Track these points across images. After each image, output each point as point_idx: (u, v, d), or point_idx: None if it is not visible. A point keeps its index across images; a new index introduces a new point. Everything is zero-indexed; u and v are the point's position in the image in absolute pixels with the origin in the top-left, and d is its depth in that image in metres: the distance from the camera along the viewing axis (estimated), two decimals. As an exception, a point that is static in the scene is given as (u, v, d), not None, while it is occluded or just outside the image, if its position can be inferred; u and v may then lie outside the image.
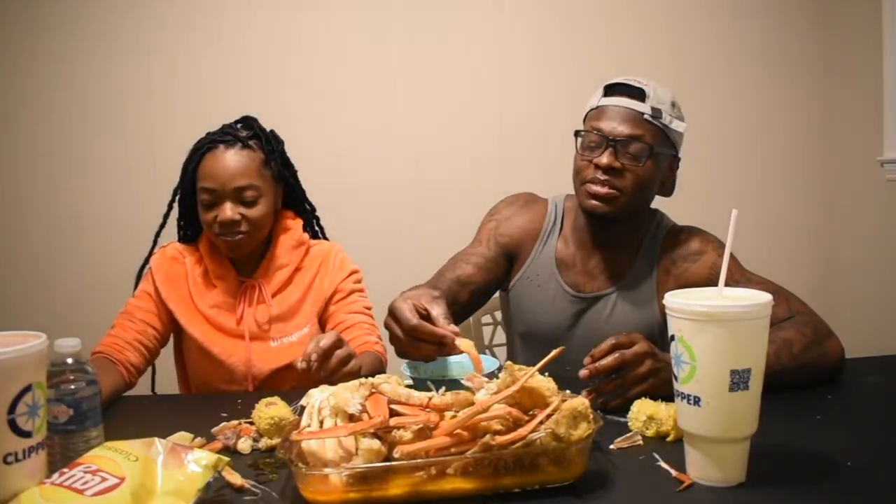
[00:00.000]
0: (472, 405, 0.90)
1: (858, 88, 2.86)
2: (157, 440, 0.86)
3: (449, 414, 0.91)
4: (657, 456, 0.96)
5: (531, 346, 1.55)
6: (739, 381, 0.85)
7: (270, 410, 1.06)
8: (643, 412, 1.05)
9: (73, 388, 0.92)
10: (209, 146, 1.52)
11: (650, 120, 1.39)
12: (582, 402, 0.90)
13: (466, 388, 0.97)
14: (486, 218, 1.60)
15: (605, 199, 1.39)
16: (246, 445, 1.05)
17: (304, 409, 0.95)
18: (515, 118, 2.93)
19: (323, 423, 0.91)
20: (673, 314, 0.88)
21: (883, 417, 1.15)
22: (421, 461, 0.85)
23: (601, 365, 1.13)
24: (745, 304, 0.86)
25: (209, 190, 1.49)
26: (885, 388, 1.29)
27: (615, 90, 1.43)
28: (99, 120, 2.82)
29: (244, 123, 1.58)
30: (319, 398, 0.94)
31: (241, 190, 1.49)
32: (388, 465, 0.85)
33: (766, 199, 3.03)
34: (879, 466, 0.93)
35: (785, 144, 3.06)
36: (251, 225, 1.51)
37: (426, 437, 0.88)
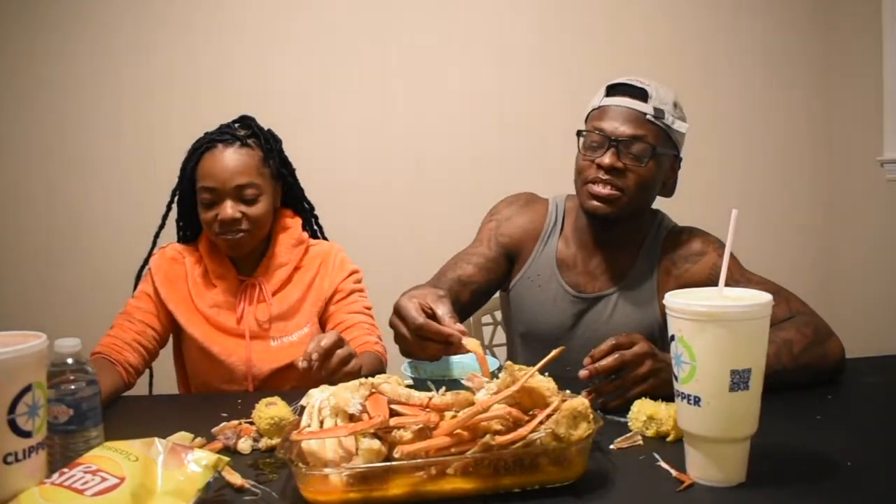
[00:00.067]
0: (472, 405, 0.90)
1: (858, 88, 2.86)
2: (157, 440, 0.86)
3: (449, 414, 0.91)
4: (657, 456, 0.96)
5: (531, 346, 1.55)
6: (739, 381, 0.85)
7: (270, 410, 1.06)
8: (643, 412, 1.05)
9: (73, 388, 0.92)
10: (208, 145, 1.52)
11: (652, 120, 1.38)
12: (582, 402, 0.90)
13: (466, 388, 0.97)
14: (486, 218, 1.60)
15: (606, 200, 1.39)
16: (246, 445, 1.05)
17: (304, 409, 0.95)
18: (515, 118, 2.93)
19: (323, 423, 0.91)
20: (673, 314, 0.88)
21: (883, 417, 1.15)
22: (421, 461, 0.85)
23: (601, 365, 1.13)
24: (745, 304, 0.86)
25: (209, 189, 1.49)
26: (885, 388, 1.29)
27: (617, 90, 1.42)
28: (98, 120, 2.82)
29: (242, 123, 1.58)
30: (319, 398, 0.94)
31: (241, 188, 1.49)
32: (388, 465, 0.85)
33: (766, 199, 3.03)
34: (879, 466, 0.93)
35: (785, 144, 3.06)
36: (252, 223, 1.51)
37: (426, 437, 0.88)
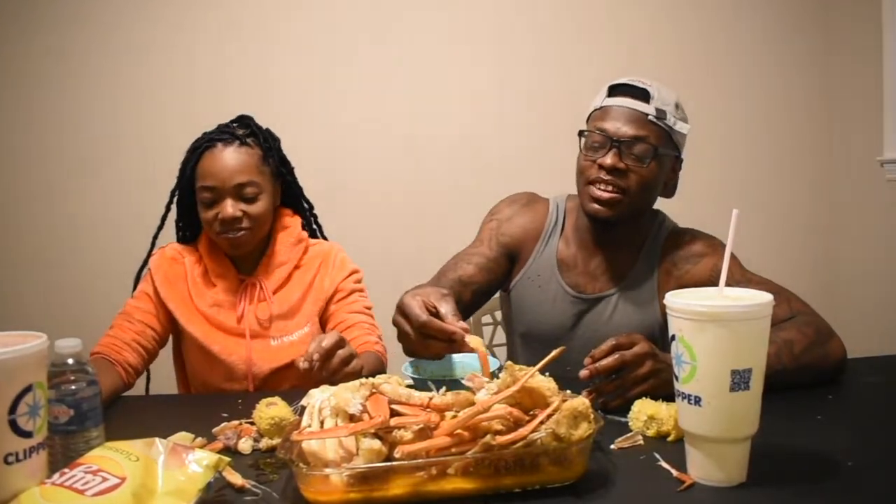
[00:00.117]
0: (472, 405, 0.90)
1: (858, 88, 2.86)
2: (157, 440, 0.86)
3: (449, 414, 0.91)
4: (658, 456, 0.96)
5: (531, 346, 1.54)
6: (740, 381, 0.85)
7: (271, 411, 1.06)
8: (644, 412, 1.05)
9: (73, 388, 0.92)
10: (207, 145, 1.52)
11: (654, 121, 1.38)
12: (582, 402, 0.90)
13: (467, 388, 0.97)
14: (486, 217, 1.60)
15: (607, 203, 1.39)
16: (247, 446, 1.05)
17: (304, 409, 0.95)
18: (515, 118, 2.93)
19: (324, 423, 0.91)
20: (673, 314, 0.88)
21: (884, 417, 1.15)
22: (422, 461, 0.85)
23: (601, 365, 1.13)
24: (745, 304, 0.86)
25: (209, 188, 1.49)
26: (885, 388, 1.29)
27: (619, 91, 1.42)
28: (97, 120, 2.82)
29: (240, 122, 1.59)
30: (320, 398, 0.94)
31: (241, 187, 1.49)
32: (388, 465, 0.85)
33: (766, 199, 3.03)
34: (880, 466, 0.93)
35: (785, 144, 3.06)
36: (252, 221, 1.51)
37: (427, 437, 0.88)
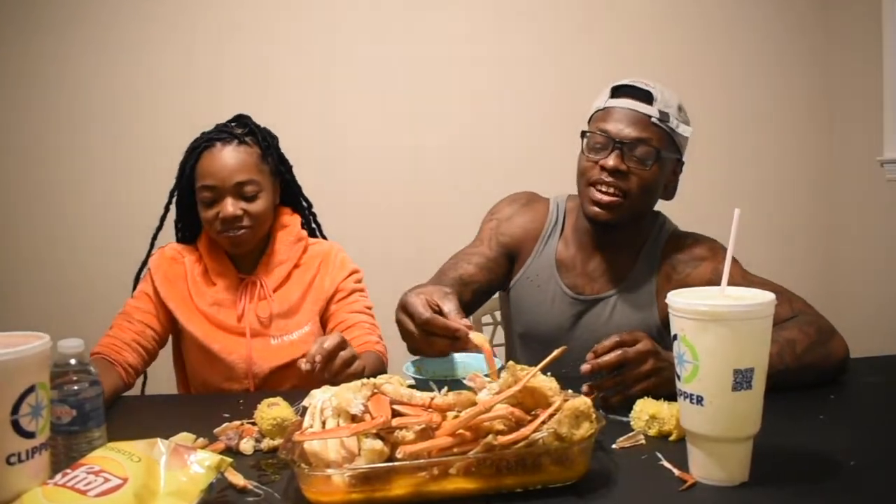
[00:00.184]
0: (474, 405, 0.90)
1: (858, 88, 2.86)
2: (159, 441, 0.86)
3: (451, 414, 0.91)
4: (660, 455, 0.96)
5: (530, 346, 1.54)
6: (742, 380, 0.85)
7: (273, 411, 1.06)
8: (645, 412, 1.05)
9: (76, 388, 0.92)
10: (206, 144, 1.52)
11: (657, 123, 1.37)
12: (584, 401, 0.90)
13: (469, 388, 0.97)
14: (486, 217, 1.60)
15: (608, 206, 1.38)
16: (248, 446, 1.05)
17: (306, 409, 0.95)
18: (515, 118, 2.93)
19: (325, 423, 0.91)
20: (675, 313, 0.88)
21: (885, 417, 1.15)
22: (423, 461, 0.85)
23: (603, 361, 1.12)
24: (747, 303, 0.86)
25: (209, 187, 1.49)
26: (886, 388, 1.29)
27: (622, 92, 1.41)
28: (98, 121, 2.82)
29: (238, 121, 1.59)
30: (322, 399, 0.94)
31: (241, 185, 1.50)
32: (390, 465, 0.85)
33: (766, 199, 3.03)
34: (881, 466, 0.93)
35: (785, 144, 3.06)
36: (253, 219, 1.51)
37: (428, 437, 0.88)
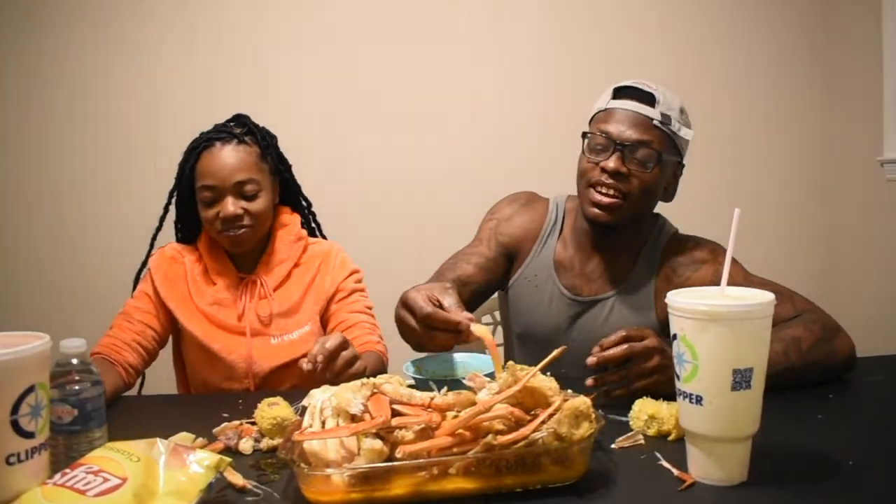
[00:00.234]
0: (473, 405, 0.90)
1: (858, 88, 2.86)
2: (158, 441, 0.86)
3: (451, 414, 0.91)
4: (659, 455, 0.96)
5: (528, 346, 1.54)
6: (741, 380, 0.85)
7: (272, 411, 1.06)
8: (645, 411, 1.05)
9: (77, 388, 0.92)
10: (206, 144, 1.52)
11: (659, 126, 1.36)
12: (584, 401, 0.90)
13: (468, 387, 0.97)
14: (486, 217, 1.60)
15: (607, 208, 1.37)
16: (247, 446, 1.05)
17: (305, 409, 0.95)
18: (515, 118, 2.93)
19: (325, 423, 0.91)
20: (675, 313, 0.88)
21: (884, 417, 1.15)
22: (423, 461, 0.85)
23: (609, 354, 1.12)
24: (747, 303, 0.86)
25: (210, 187, 1.50)
26: (885, 387, 1.29)
27: (624, 93, 1.40)
28: (99, 120, 2.82)
29: (237, 121, 1.59)
30: (321, 398, 0.94)
31: (241, 184, 1.50)
32: (390, 465, 0.86)
33: (765, 199, 3.03)
34: (881, 466, 0.93)
35: (785, 144, 3.06)
36: (253, 218, 1.52)
37: (428, 437, 0.88)
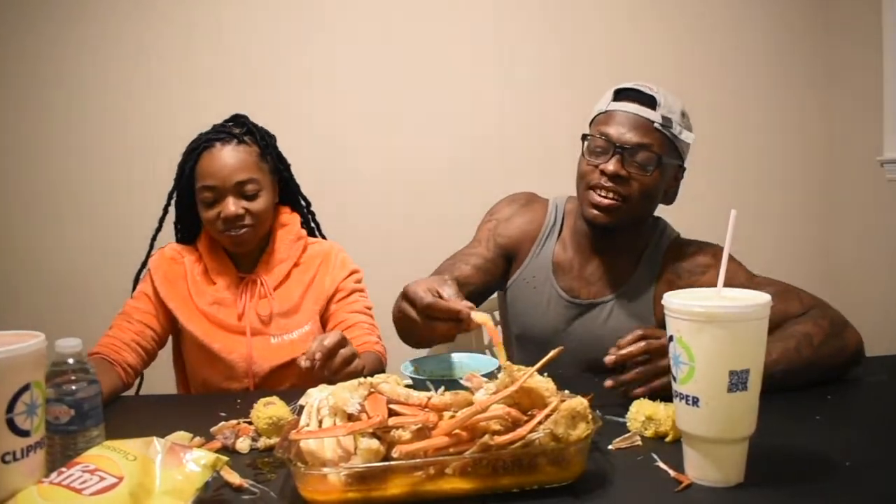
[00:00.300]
0: (470, 405, 0.90)
1: (858, 88, 2.85)
2: (155, 439, 0.86)
3: (448, 414, 0.91)
4: (655, 456, 0.96)
5: (526, 347, 1.54)
6: (738, 381, 0.85)
7: (268, 410, 1.06)
8: (642, 413, 1.05)
9: (74, 388, 0.92)
10: (205, 145, 1.52)
11: (660, 129, 1.35)
12: (581, 402, 0.90)
13: (465, 388, 0.97)
14: (485, 218, 1.60)
15: (606, 209, 1.37)
16: (244, 445, 1.05)
17: (302, 408, 0.95)
18: (515, 118, 2.93)
19: (322, 422, 0.91)
20: (671, 314, 0.88)
21: (882, 417, 1.15)
22: (420, 461, 0.86)
23: (627, 352, 1.14)
24: (743, 304, 0.86)
25: (210, 187, 1.50)
26: (884, 387, 1.29)
27: (625, 95, 1.39)
28: (99, 120, 2.81)
29: (235, 121, 1.59)
30: (318, 398, 0.94)
31: (242, 184, 1.50)
32: (386, 464, 0.86)
33: (765, 199, 3.02)
34: (879, 466, 0.93)
35: (785, 144, 3.05)
36: (255, 218, 1.52)
37: (425, 436, 0.88)
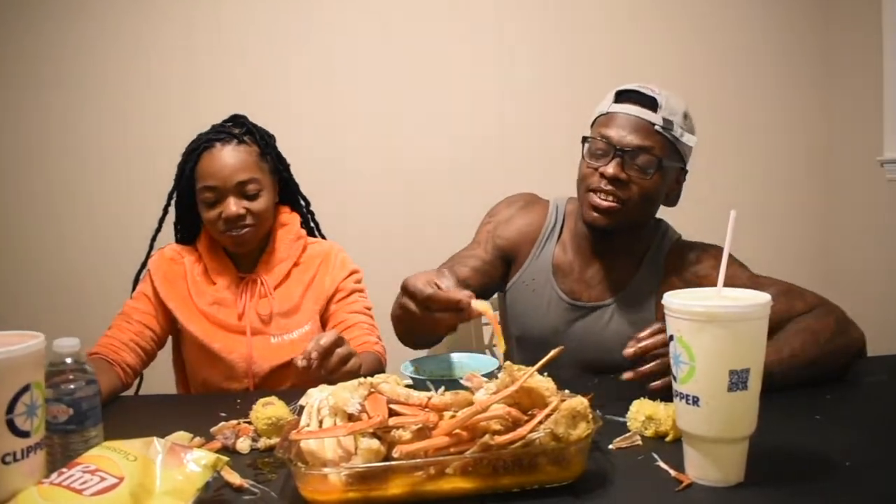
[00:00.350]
0: (471, 405, 0.90)
1: (858, 89, 2.85)
2: (155, 440, 0.86)
3: (448, 414, 0.91)
4: (656, 456, 0.96)
5: (526, 349, 1.53)
6: (738, 381, 0.85)
7: (268, 410, 1.06)
8: (642, 412, 1.05)
9: (72, 387, 0.92)
10: (205, 146, 1.52)
11: (660, 131, 1.34)
12: (581, 402, 0.90)
13: (466, 387, 0.97)
14: (484, 219, 1.59)
15: (605, 211, 1.36)
16: (245, 445, 1.05)
17: (303, 408, 0.95)
18: (515, 118, 2.93)
19: (322, 422, 0.91)
20: (672, 314, 0.88)
21: (882, 417, 1.15)
22: (420, 461, 0.86)
23: (647, 344, 1.14)
24: (743, 304, 0.86)
25: (211, 188, 1.50)
26: (884, 387, 1.29)
27: (626, 97, 1.37)
28: (99, 120, 2.81)
29: (234, 121, 1.59)
30: (319, 398, 0.94)
31: (243, 184, 1.50)
32: (387, 464, 0.86)
33: (765, 199, 3.02)
34: (879, 466, 0.93)
35: (785, 144, 3.06)
36: (256, 218, 1.52)
37: (425, 436, 0.88)
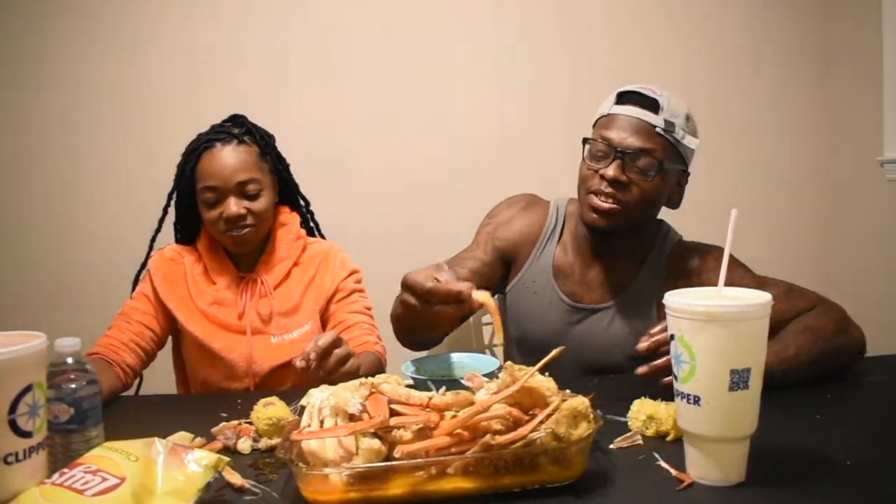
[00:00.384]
0: (472, 405, 0.90)
1: (858, 88, 2.85)
2: (157, 440, 0.86)
3: (449, 414, 0.91)
4: (657, 455, 0.96)
5: (527, 351, 1.53)
6: (739, 380, 0.85)
7: (268, 411, 1.06)
8: (643, 412, 1.05)
9: (73, 387, 0.93)
10: (205, 146, 1.52)
11: (662, 133, 1.33)
12: (582, 401, 0.90)
13: (467, 387, 0.97)
14: (484, 220, 1.58)
15: (605, 213, 1.36)
16: (246, 445, 1.05)
17: (304, 408, 0.95)
18: (515, 118, 2.93)
19: (323, 422, 0.91)
20: (673, 314, 0.88)
21: (882, 417, 1.15)
22: (421, 461, 0.86)
23: (659, 339, 1.14)
24: (744, 303, 0.86)
25: (212, 188, 1.50)
26: (884, 387, 1.30)
27: (627, 98, 1.37)
28: (99, 120, 2.81)
29: (234, 121, 1.59)
30: (320, 398, 0.94)
31: (243, 184, 1.50)
32: (388, 464, 0.86)
33: (765, 199, 3.02)
34: (879, 466, 0.93)
35: (785, 144, 3.06)
36: (256, 218, 1.52)
37: (426, 436, 0.88)
